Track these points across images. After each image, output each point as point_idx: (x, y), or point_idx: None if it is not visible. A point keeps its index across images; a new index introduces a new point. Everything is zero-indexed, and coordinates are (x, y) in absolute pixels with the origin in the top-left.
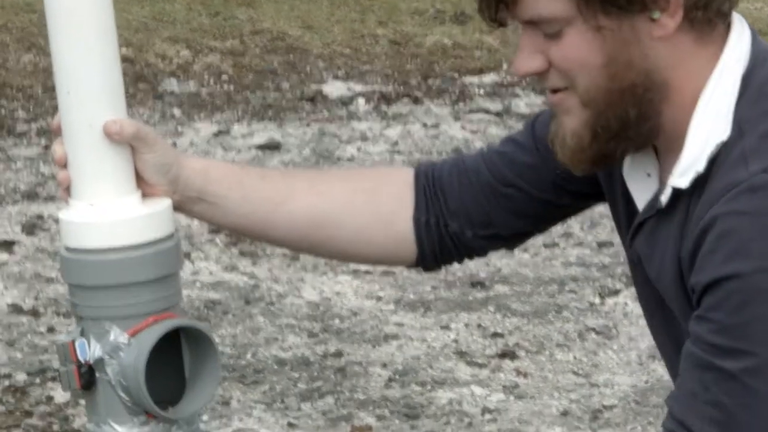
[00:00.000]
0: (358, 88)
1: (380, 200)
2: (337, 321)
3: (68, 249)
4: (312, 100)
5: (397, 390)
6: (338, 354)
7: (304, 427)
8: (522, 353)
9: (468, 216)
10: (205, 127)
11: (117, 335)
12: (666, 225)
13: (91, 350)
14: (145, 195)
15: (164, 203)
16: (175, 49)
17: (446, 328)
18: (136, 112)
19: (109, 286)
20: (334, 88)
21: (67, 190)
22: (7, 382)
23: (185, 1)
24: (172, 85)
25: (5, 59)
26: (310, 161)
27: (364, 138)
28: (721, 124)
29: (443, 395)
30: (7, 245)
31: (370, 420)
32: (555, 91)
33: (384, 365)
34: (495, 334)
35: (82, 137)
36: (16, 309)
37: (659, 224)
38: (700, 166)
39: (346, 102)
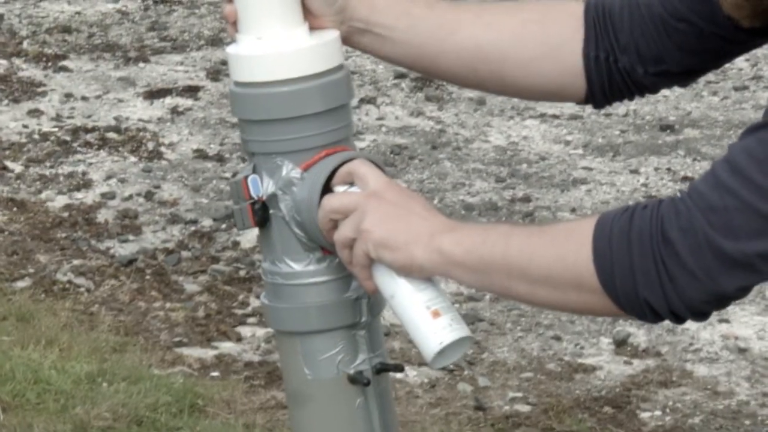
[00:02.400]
0: None
1: (549, 32)
2: (524, 166)
3: (237, 83)
4: None
5: None
6: (526, 199)
7: None
8: None
9: (638, 51)
10: None
11: (289, 170)
12: None
13: (263, 186)
14: (312, 27)
15: (332, 34)
16: None
17: (635, 172)
18: None
19: (278, 119)
20: None
21: (234, 24)
22: (193, 228)
23: None
24: None
25: None
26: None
27: None
28: None
29: None
30: (192, 91)
31: None
32: None
33: (573, 210)
34: (685, 178)
35: None
36: (201, 155)
37: None
38: None
39: None
